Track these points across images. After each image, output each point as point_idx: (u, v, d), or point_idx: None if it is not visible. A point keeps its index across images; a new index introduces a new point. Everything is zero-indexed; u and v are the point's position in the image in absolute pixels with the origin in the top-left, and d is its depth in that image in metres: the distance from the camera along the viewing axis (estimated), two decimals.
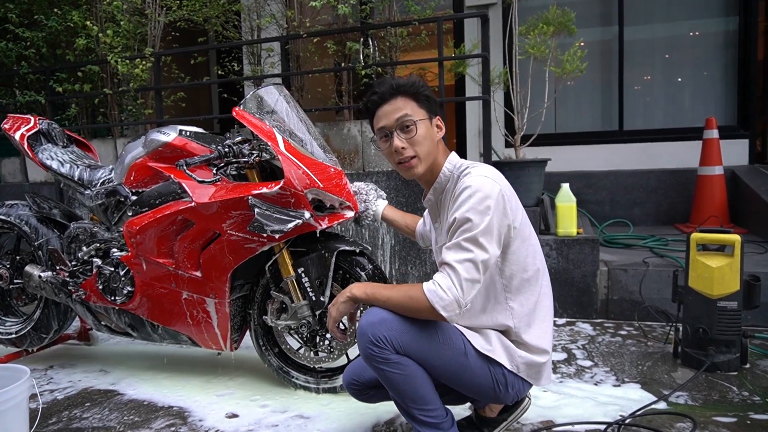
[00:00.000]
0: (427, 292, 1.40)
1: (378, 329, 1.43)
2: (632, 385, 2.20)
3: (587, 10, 5.01)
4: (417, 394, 1.48)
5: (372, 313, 1.47)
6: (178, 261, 2.20)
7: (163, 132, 2.25)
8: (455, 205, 1.46)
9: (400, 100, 1.55)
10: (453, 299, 1.38)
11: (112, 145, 4.28)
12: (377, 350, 1.43)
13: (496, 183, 1.47)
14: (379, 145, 1.62)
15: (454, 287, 1.38)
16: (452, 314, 1.40)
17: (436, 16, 3.69)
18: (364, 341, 1.45)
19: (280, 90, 2.22)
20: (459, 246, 1.41)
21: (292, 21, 4.03)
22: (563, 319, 3.12)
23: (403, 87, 1.55)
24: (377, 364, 1.45)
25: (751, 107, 4.60)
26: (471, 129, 5.20)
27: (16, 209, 2.62)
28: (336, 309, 1.54)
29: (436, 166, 1.60)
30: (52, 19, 4.32)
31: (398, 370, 1.45)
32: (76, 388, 2.40)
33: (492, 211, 1.42)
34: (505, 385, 1.56)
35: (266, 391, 2.29)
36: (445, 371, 1.50)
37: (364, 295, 1.51)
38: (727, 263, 2.25)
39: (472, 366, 1.51)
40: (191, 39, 5.16)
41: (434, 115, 1.60)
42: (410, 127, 1.53)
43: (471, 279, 1.39)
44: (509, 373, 1.55)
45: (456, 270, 1.39)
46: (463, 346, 1.51)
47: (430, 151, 1.56)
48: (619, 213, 4.56)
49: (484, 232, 1.41)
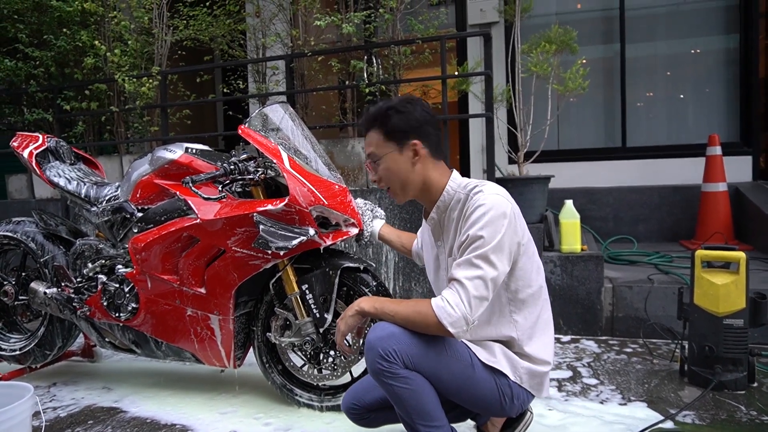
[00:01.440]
0: (436, 308, 1.40)
1: (387, 343, 1.43)
2: (638, 403, 2.18)
3: (589, 27, 5.06)
4: (424, 409, 1.47)
5: (380, 327, 1.47)
6: (182, 277, 2.21)
7: (170, 149, 2.28)
8: (468, 223, 1.47)
9: (371, 133, 1.61)
10: (461, 316, 1.39)
11: (118, 162, 4.32)
12: (386, 365, 1.43)
13: (509, 201, 1.50)
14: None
15: (462, 304, 1.39)
16: (460, 331, 1.40)
17: (439, 35, 3.74)
18: (372, 356, 1.44)
19: (285, 108, 2.25)
20: (469, 263, 1.42)
21: (296, 40, 4.09)
22: (568, 337, 3.10)
23: (372, 122, 1.60)
24: (385, 379, 1.45)
25: (753, 124, 4.62)
26: (474, 146, 5.22)
27: (23, 226, 2.64)
28: (344, 323, 1.55)
29: (432, 186, 1.60)
30: (62, 39, 4.39)
31: (406, 385, 1.44)
32: (79, 406, 2.40)
33: (505, 228, 1.44)
34: (510, 397, 1.56)
35: (269, 408, 2.27)
36: (453, 384, 1.50)
37: (373, 309, 1.51)
38: (732, 280, 2.24)
39: (478, 378, 1.52)
40: (197, 57, 5.23)
41: (406, 141, 1.57)
42: (378, 162, 1.60)
43: (480, 296, 1.40)
44: (514, 384, 1.56)
45: (465, 287, 1.40)
46: (470, 359, 1.52)
47: (404, 180, 1.59)
48: (623, 229, 4.56)
49: (495, 249, 1.42)
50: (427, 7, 4.14)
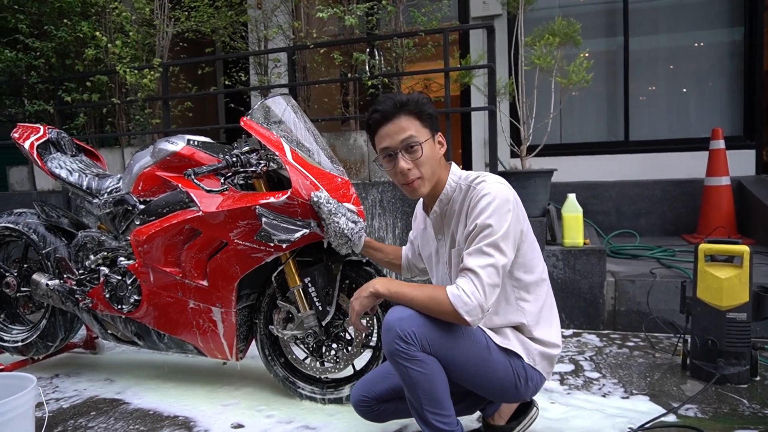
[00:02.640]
0: (451, 297, 1.42)
1: (407, 324, 1.44)
2: (641, 397, 2.18)
3: (593, 20, 5.03)
4: (435, 395, 1.48)
5: (399, 309, 1.48)
6: (184, 270, 2.21)
7: (171, 141, 2.27)
8: (475, 212, 1.49)
9: (403, 119, 1.53)
10: (477, 304, 1.40)
11: (119, 154, 4.31)
12: (405, 346, 1.44)
13: (511, 190, 1.53)
14: (383, 164, 1.61)
15: (477, 292, 1.41)
16: (475, 319, 1.42)
17: (442, 27, 3.71)
18: (391, 336, 1.45)
19: (287, 100, 2.23)
20: (480, 251, 1.45)
21: (299, 32, 4.07)
22: (570, 330, 3.10)
23: (406, 105, 1.53)
24: (402, 360, 1.45)
25: (757, 117, 4.59)
26: (477, 139, 5.21)
27: (24, 217, 2.63)
28: (359, 303, 1.55)
29: (440, 181, 1.62)
30: (62, 29, 4.37)
31: (422, 369, 1.45)
32: (81, 397, 2.40)
33: (511, 216, 1.47)
34: (525, 379, 1.59)
35: (272, 401, 2.28)
36: (470, 367, 1.52)
37: (387, 291, 1.52)
38: (735, 274, 2.24)
39: (494, 360, 1.54)
40: (199, 49, 5.21)
41: (436, 132, 1.60)
42: (415, 148, 1.53)
43: (493, 284, 1.43)
44: (528, 365, 1.59)
45: (479, 275, 1.42)
46: (485, 342, 1.54)
47: (434, 170, 1.58)
48: (626, 223, 4.55)
49: (504, 237, 1.45)
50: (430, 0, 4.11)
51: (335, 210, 1.94)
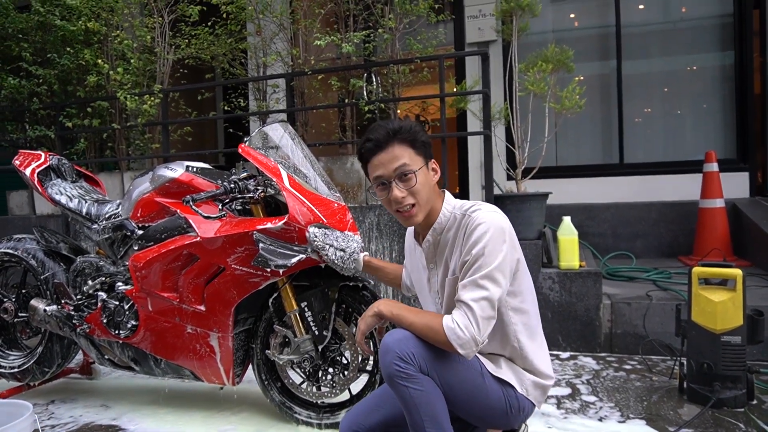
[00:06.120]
0: (446, 329, 1.43)
1: (405, 345, 1.47)
2: (637, 421, 2.18)
3: (586, 45, 5.12)
4: (436, 415, 1.48)
5: (396, 332, 1.51)
6: (182, 295, 2.22)
7: (170, 168, 2.30)
8: (470, 242, 1.49)
9: (396, 147, 1.53)
10: (470, 338, 1.42)
11: (119, 178, 4.34)
12: (404, 365, 1.45)
13: (505, 219, 1.53)
14: (376, 193, 1.61)
15: (471, 326, 1.42)
16: (469, 351, 1.44)
17: (437, 54, 3.79)
18: (390, 358, 1.46)
19: (285, 127, 2.28)
20: (475, 284, 1.45)
21: (297, 58, 4.14)
22: (566, 353, 3.10)
23: (399, 133, 1.53)
24: (401, 380, 1.46)
25: (750, 140, 4.65)
26: (473, 162, 5.26)
27: (24, 243, 2.65)
28: (364, 322, 1.59)
29: (434, 209, 1.61)
30: (65, 57, 4.44)
31: (421, 388, 1.46)
32: (77, 424, 2.39)
33: (506, 246, 1.48)
34: (517, 408, 1.59)
35: (268, 426, 2.27)
36: (463, 393, 1.53)
37: (389, 313, 1.55)
38: (729, 297, 2.25)
39: (488, 388, 1.55)
40: (199, 75, 5.28)
41: (430, 159, 1.60)
42: (409, 176, 1.53)
43: (487, 317, 1.44)
44: (521, 395, 1.59)
45: (473, 309, 1.43)
46: (480, 369, 1.55)
47: (428, 197, 1.57)
48: (621, 245, 4.57)
49: (499, 268, 1.46)
50: (425, 27, 4.19)
51: (321, 245, 1.97)
